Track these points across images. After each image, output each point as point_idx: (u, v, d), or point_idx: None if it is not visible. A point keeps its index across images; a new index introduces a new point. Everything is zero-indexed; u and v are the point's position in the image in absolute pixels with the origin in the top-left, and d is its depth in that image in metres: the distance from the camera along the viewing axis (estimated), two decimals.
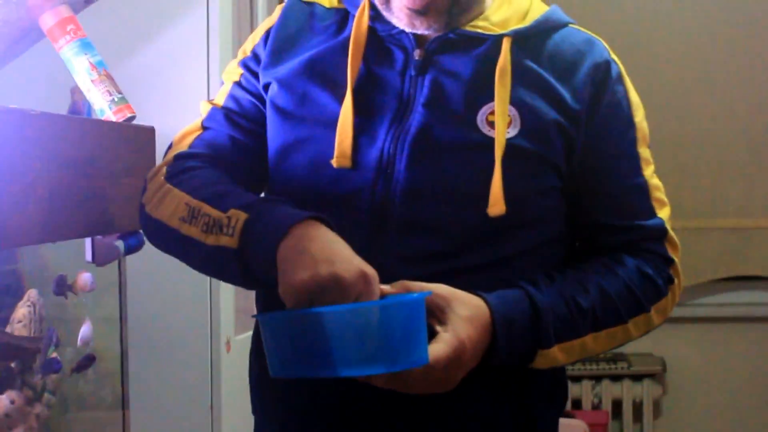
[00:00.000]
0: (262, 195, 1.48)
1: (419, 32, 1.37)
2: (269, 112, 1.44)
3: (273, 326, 1.14)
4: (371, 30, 1.41)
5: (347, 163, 1.34)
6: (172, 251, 1.36)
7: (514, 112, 1.35)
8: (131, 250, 1.49)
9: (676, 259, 1.45)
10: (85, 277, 1.80)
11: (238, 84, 1.48)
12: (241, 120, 1.46)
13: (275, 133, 1.43)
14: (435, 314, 1.23)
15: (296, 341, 1.11)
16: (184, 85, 2.61)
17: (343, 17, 1.45)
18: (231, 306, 2.71)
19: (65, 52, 1.54)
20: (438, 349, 1.19)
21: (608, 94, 1.41)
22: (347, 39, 1.40)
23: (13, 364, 1.76)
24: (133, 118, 1.53)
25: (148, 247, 1.51)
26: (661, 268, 1.43)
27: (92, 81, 1.54)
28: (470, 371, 1.25)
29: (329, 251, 1.16)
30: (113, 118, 1.50)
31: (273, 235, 1.19)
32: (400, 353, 1.11)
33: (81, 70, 1.54)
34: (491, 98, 1.35)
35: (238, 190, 1.32)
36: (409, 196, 1.34)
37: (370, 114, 1.37)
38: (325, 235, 1.19)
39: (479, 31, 1.38)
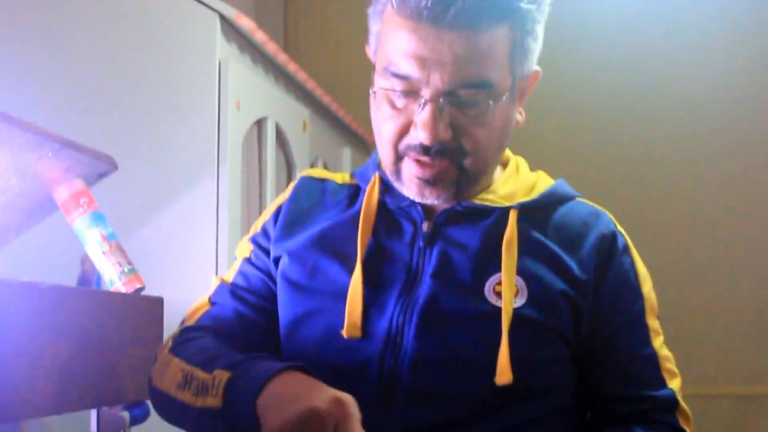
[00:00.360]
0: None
1: (428, 203, 1.39)
2: (280, 285, 1.45)
3: None
4: (381, 204, 1.43)
5: (357, 333, 1.35)
6: (172, 420, 1.36)
7: (521, 282, 1.35)
8: (136, 421, 1.48)
9: (688, 431, 1.42)
10: None
11: (248, 260, 1.50)
12: (248, 295, 1.47)
13: (286, 305, 1.44)
14: None
15: None
16: (194, 255, 2.64)
17: (354, 192, 1.48)
18: None
19: (78, 224, 1.57)
20: None
21: (615, 265, 1.41)
22: (358, 212, 1.43)
23: None
24: (142, 289, 1.55)
25: (153, 418, 1.51)
26: None
27: (103, 252, 1.57)
28: None
29: (304, 390, 1.16)
30: (123, 289, 1.52)
31: (252, 389, 1.19)
32: None
33: (92, 241, 1.56)
34: (498, 269, 1.36)
35: (230, 353, 1.32)
36: (416, 365, 1.33)
37: (379, 285, 1.38)
38: (301, 378, 1.19)
39: (487, 203, 1.40)
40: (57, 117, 2.35)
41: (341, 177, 1.52)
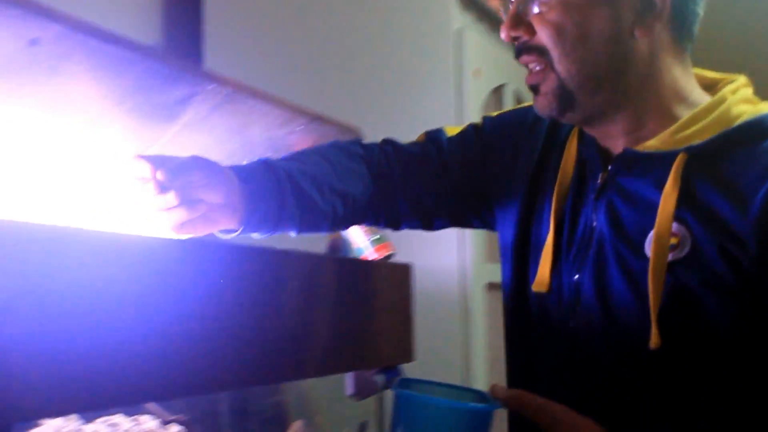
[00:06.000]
0: None
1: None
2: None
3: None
4: (579, 154, 1.42)
5: (544, 288, 1.37)
6: None
7: (684, 232, 1.21)
8: (390, 384, 1.51)
9: None
10: None
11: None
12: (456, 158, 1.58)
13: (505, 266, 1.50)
14: None
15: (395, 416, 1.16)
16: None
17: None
18: None
19: None
20: None
21: None
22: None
23: None
24: (391, 255, 1.58)
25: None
26: None
27: None
28: None
29: None
30: (373, 256, 1.57)
31: None
32: None
33: None
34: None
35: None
36: (587, 326, 1.30)
37: (567, 243, 1.37)
38: None
39: (651, 149, 1.28)
40: (304, 92, 2.42)
41: None
